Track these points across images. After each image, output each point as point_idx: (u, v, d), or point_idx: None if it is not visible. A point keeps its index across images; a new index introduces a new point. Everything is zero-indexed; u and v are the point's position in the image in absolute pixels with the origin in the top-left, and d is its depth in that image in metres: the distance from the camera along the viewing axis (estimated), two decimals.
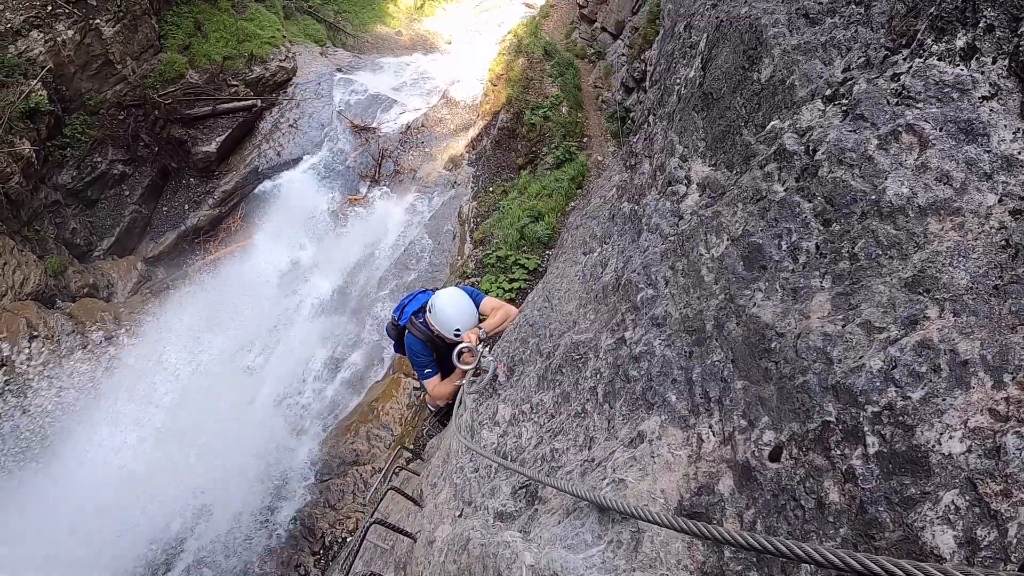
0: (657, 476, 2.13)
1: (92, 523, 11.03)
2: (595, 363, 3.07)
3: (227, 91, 19.53)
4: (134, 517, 11.23)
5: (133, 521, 11.20)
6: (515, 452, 3.66)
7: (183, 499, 11.63)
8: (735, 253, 2.24)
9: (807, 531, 1.64)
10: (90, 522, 11.03)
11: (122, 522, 11.18)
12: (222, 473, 11.93)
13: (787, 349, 1.87)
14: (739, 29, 2.81)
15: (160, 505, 11.46)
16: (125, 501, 11.36)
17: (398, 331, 5.94)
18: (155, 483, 11.64)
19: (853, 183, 1.87)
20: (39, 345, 13.02)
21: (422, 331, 5.60)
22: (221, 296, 15.91)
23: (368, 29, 30.57)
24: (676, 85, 3.63)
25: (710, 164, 2.81)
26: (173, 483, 11.71)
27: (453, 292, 5.54)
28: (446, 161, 18.80)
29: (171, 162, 18.92)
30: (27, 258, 14.23)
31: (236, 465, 12.06)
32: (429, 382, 5.71)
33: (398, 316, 5.99)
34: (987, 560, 1.32)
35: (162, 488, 11.60)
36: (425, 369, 5.68)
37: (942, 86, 1.79)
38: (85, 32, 16.87)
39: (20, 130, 15.11)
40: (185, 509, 11.54)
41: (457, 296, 5.48)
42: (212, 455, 12.15)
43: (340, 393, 13.69)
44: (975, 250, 1.60)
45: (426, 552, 4.14)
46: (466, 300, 5.48)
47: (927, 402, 1.50)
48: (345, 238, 17.52)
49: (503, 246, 13.25)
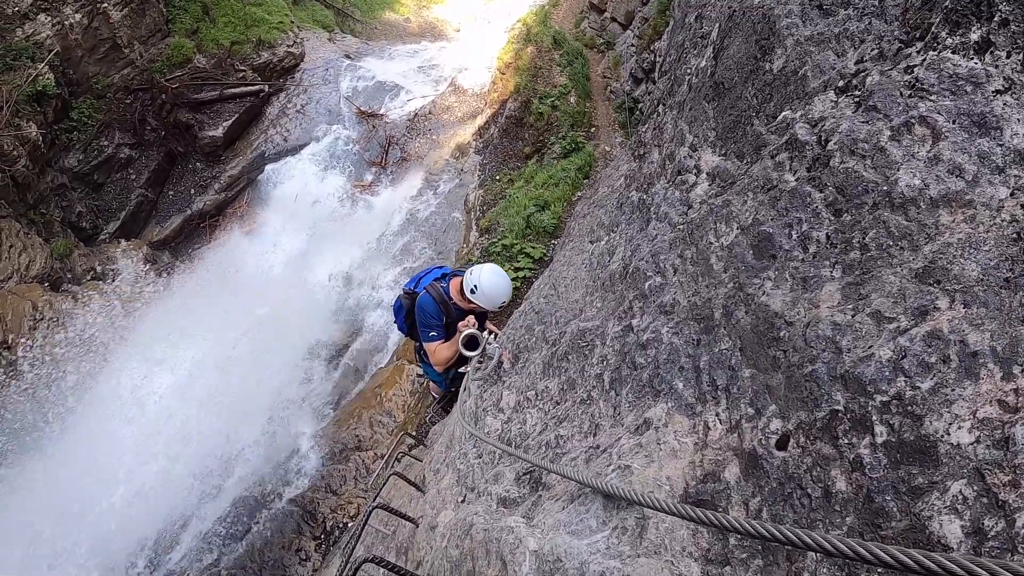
0: (663, 463, 2.14)
1: (102, 493, 11.15)
2: (601, 350, 3.08)
3: (234, 76, 19.48)
4: (141, 495, 11.31)
5: (140, 497, 11.29)
6: (519, 439, 3.67)
7: (186, 482, 11.68)
8: (745, 242, 2.24)
9: (813, 519, 1.65)
10: (100, 492, 11.15)
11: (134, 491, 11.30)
12: (224, 457, 11.99)
13: (796, 338, 1.87)
14: (752, 19, 2.80)
15: (162, 490, 11.52)
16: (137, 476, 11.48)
17: (410, 299, 5.99)
18: (159, 465, 11.73)
19: (865, 174, 1.87)
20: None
21: (439, 293, 5.70)
22: (221, 282, 15.94)
23: (376, 16, 30.54)
24: (687, 75, 3.62)
25: (720, 153, 2.80)
26: (175, 467, 11.78)
27: (493, 268, 5.64)
28: (453, 149, 18.74)
29: (178, 146, 18.91)
30: (33, 241, 14.23)
31: (238, 450, 12.10)
32: (431, 345, 5.77)
33: (413, 287, 6.04)
34: (994, 550, 1.33)
35: (163, 474, 11.67)
36: (431, 331, 5.74)
37: (956, 79, 1.79)
38: (93, 16, 16.82)
39: (27, 113, 15.09)
40: (188, 493, 11.58)
41: (498, 272, 5.59)
42: (215, 440, 12.20)
43: (343, 379, 13.70)
44: (986, 242, 1.60)
45: (428, 537, 4.16)
46: (504, 275, 5.60)
47: (936, 392, 1.50)
48: (351, 224, 17.49)
49: (509, 235, 13.20)
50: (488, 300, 5.48)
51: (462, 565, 2.88)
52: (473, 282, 5.49)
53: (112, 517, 11.08)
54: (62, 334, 13.13)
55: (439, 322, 5.71)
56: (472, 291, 5.46)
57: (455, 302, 5.65)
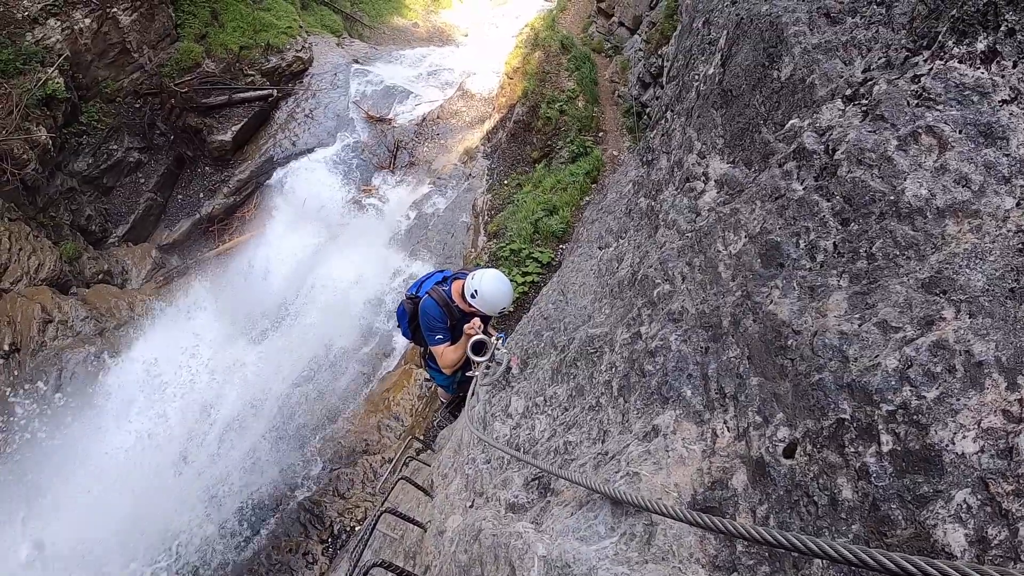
0: (671, 470, 2.15)
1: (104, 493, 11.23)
2: (610, 357, 3.09)
3: (243, 80, 19.59)
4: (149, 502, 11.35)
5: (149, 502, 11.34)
6: (528, 444, 3.68)
7: (194, 484, 11.73)
8: (753, 250, 2.25)
9: (819, 527, 1.66)
10: (102, 493, 11.23)
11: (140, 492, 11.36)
12: (232, 459, 12.03)
13: (803, 347, 1.88)
14: (759, 27, 2.81)
15: (170, 493, 11.56)
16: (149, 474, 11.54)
17: (413, 304, 6.00)
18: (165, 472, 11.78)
19: (872, 183, 1.88)
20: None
21: (442, 297, 5.73)
22: (230, 285, 16.00)
23: (385, 20, 30.63)
24: (695, 81, 3.63)
25: (728, 161, 2.81)
26: (184, 468, 11.84)
27: (495, 274, 5.65)
28: (461, 153, 18.79)
29: (187, 150, 19.01)
30: (42, 244, 14.29)
31: (246, 451, 12.15)
32: (438, 348, 5.78)
33: (415, 292, 6.05)
34: (997, 559, 1.34)
35: (170, 480, 11.72)
36: (436, 335, 5.76)
37: (962, 88, 1.80)
38: (102, 20, 16.92)
39: (37, 117, 15.16)
40: (196, 495, 11.62)
41: (500, 278, 5.60)
42: (221, 446, 12.26)
43: (351, 383, 13.72)
44: (992, 252, 1.60)
45: (436, 542, 4.17)
46: (507, 281, 5.61)
47: (941, 402, 1.51)
48: (359, 228, 17.52)
49: (517, 239, 13.23)
50: (488, 306, 5.50)
51: (470, 570, 2.89)
52: (474, 287, 5.52)
53: (118, 518, 11.11)
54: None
55: (444, 325, 5.73)
56: (472, 296, 5.49)
57: (457, 304, 5.68)
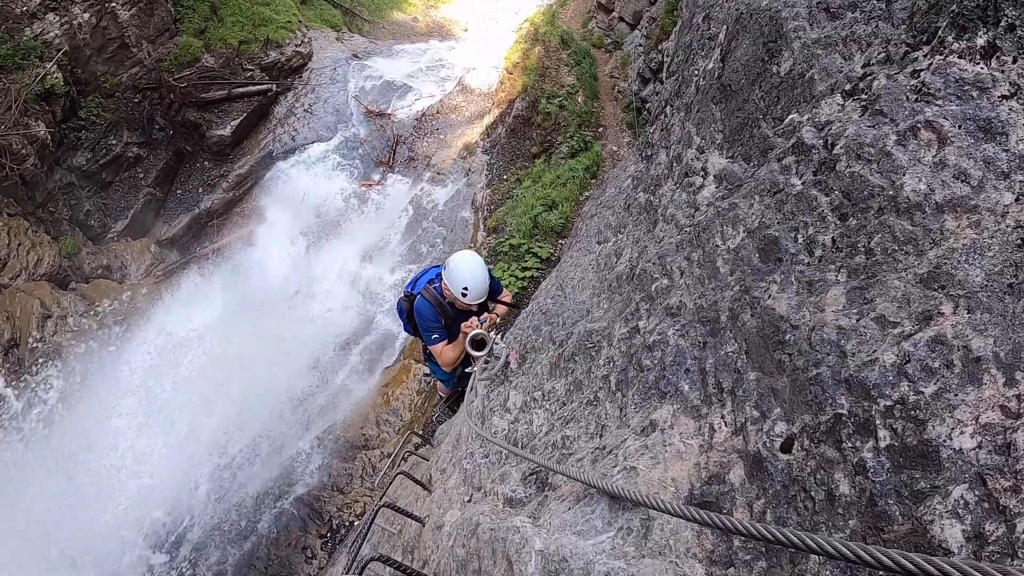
0: (668, 465, 2.15)
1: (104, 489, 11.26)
2: (608, 351, 3.09)
3: (242, 75, 19.55)
4: (143, 496, 11.36)
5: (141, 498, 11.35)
6: (526, 439, 3.68)
7: (193, 478, 11.74)
8: (751, 245, 2.24)
9: (816, 522, 1.66)
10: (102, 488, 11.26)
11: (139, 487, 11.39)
12: (231, 454, 12.04)
13: (801, 341, 1.88)
14: (759, 22, 2.81)
15: (166, 488, 11.58)
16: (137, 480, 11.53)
17: (409, 302, 6.00)
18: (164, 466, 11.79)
19: (871, 178, 1.87)
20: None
21: (434, 296, 5.72)
22: (229, 281, 16.00)
23: (384, 15, 30.56)
24: (694, 76, 3.62)
25: (727, 156, 2.81)
26: (183, 462, 11.85)
27: (469, 254, 5.67)
28: (460, 148, 18.75)
29: (186, 145, 18.99)
30: (41, 239, 14.32)
31: (245, 446, 12.15)
32: (436, 347, 5.79)
33: (411, 288, 6.06)
34: (994, 555, 1.34)
35: (169, 473, 11.73)
36: (433, 334, 5.77)
37: (962, 84, 1.79)
38: (101, 15, 16.88)
39: (35, 112, 15.15)
40: (195, 489, 11.63)
41: (472, 258, 5.60)
42: (221, 436, 12.26)
43: (350, 377, 13.72)
44: (991, 248, 1.60)
45: (434, 536, 4.17)
46: (480, 264, 5.58)
47: (939, 397, 1.51)
48: (359, 223, 17.51)
49: (516, 234, 13.21)
50: (451, 281, 5.51)
51: (468, 564, 2.89)
52: (444, 276, 5.58)
53: (116, 514, 11.13)
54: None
55: (438, 324, 5.74)
56: (463, 295, 5.49)
57: (449, 299, 5.67)
